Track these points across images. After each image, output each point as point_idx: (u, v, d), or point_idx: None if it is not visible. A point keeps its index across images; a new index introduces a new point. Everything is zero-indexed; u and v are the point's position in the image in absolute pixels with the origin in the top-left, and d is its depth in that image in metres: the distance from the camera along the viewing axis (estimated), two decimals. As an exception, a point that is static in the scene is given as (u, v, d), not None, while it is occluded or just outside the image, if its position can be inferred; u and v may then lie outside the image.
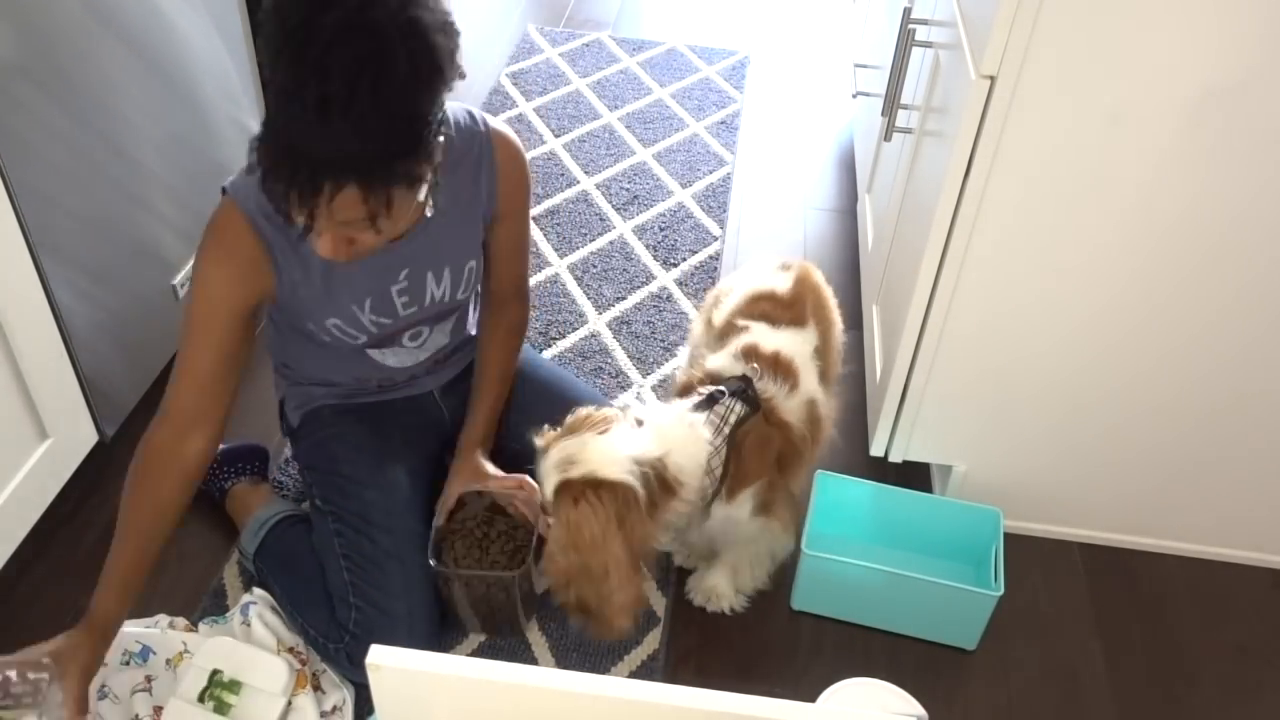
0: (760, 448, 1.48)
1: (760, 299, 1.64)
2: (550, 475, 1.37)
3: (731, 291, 1.71)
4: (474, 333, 1.68)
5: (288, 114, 1.10)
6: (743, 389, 1.49)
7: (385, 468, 1.56)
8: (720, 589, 1.67)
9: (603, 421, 1.40)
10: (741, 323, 1.60)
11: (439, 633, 1.56)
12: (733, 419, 1.46)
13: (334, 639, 1.49)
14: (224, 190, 1.36)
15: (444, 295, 1.51)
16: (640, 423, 1.41)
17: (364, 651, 1.44)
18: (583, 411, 1.43)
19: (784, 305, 1.63)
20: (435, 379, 1.66)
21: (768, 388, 1.50)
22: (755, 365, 1.52)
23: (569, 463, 1.35)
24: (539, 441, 1.42)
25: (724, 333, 1.62)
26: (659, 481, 1.37)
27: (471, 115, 1.45)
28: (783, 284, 1.66)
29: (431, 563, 1.50)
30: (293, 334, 1.54)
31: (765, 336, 1.57)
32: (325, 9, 1.07)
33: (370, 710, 1.48)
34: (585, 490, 1.33)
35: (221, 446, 1.78)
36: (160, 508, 1.37)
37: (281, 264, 1.37)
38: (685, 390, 1.53)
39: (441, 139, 1.22)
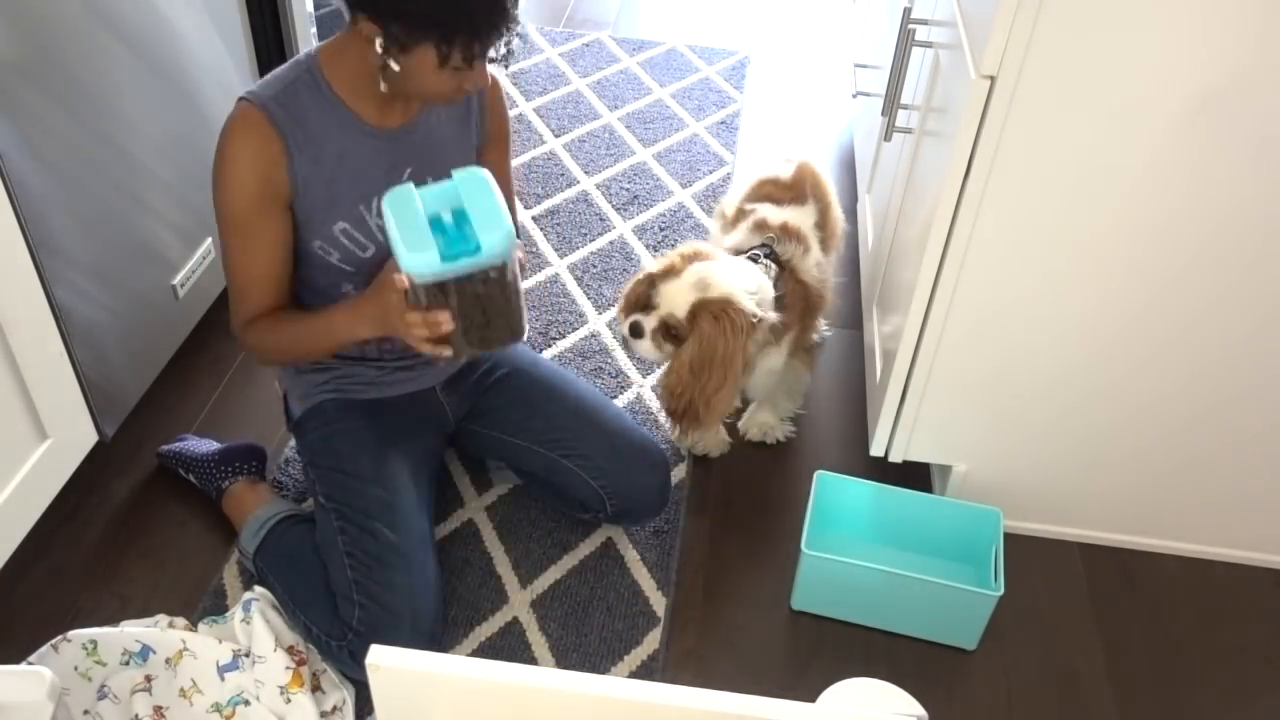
0: (792, 301, 1.74)
1: (765, 184, 1.90)
2: (684, 293, 1.59)
3: (739, 185, 1.96)
4: None
5: None
6: (769, 253, 1.74)
7: (389, 465, 1.57)
8: (769, 421, 1.94)
9: (714, 255, 1.66)
10: (749, 206, 1.85)
11: (442, 632, 1.56)
12: (772, 274, 1.71)
13: (337, 637, 1.49)
14: (238, 99, 1.41)
15: None
16: (734, 261, 1.67)
17: (367, 649, 1.46)
18: (691, 244, 1.69)
19: (786, 188, 1.87)
20: (436, 374, 1.66)
21: (786, 249, 1.76)
22: (772, 234, 1.77)
23: (705, 285, 1.58)
24: (657, 265, 1.66)
25: (735, 219, 1.88)
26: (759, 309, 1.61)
27: None
28: (785, 171, 1.91)
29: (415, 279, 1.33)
30: (298, 290, 1.53)
31: (772, 212, 1.82)
32: None
33: (370, 710, 1.48)
34: (725, 309, 1.57)
35: (219, 446, 1.78)
36: (276, 321, 1.48)
37: (295, 157, 1.40)
38: (735, 254, 1.74)
39: None
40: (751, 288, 1.62)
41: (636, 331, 1.65)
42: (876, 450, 1.78)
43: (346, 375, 1.62)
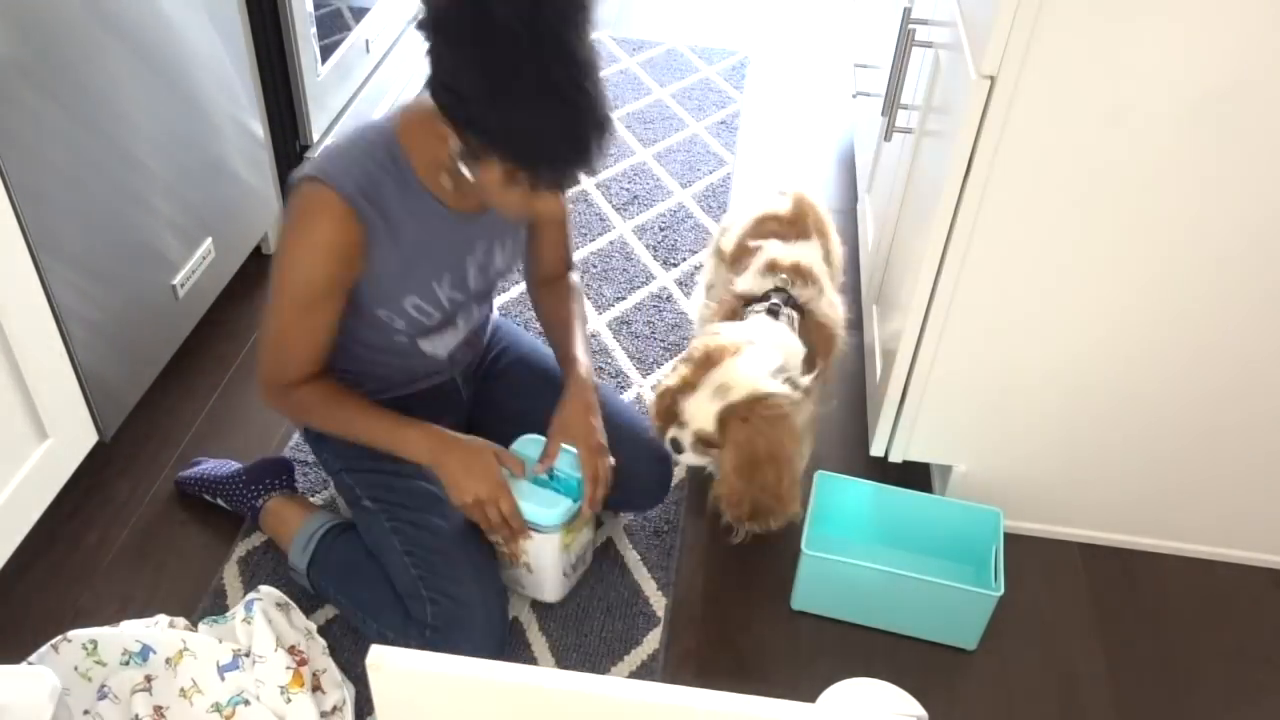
0: (816, 349, 1.67)
1: (766, 220, 1.81)
2: (708, 406, 1.51)
3: (736, 220, 1.87)
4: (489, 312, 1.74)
5: (541, 112, 1.20)
6: (787, 298, 1.67)
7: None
8: None
9: (729, 349, 1.54)
10: (754, 244, 1.77)
11: (509, 615, 1.58)
12: (795, 325, 1.65)
13: (415, 636, 1.48)
14: (307, 178, 1.36)
15: (504, 266, 1.57)
16: (753, 344, 1.56)
17: (448, 644, 1.46)
18: (703, 343, 1.57)
19: (788, 223, 1.79)
20: (455, 365, 1.67)
21: (802, 292, 1.69)
22: (784, 276, 1.69)
23: (724, 391, 1.50)
24: (666, 382, 1.58)
25: (737, 256, 1.80)
26: (790, 386, 1.54)
27: None
28: (783, 205, 1.83)
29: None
30: (345, 334, 1.53)
31: (781, 250, 1.73)
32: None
33: (370, 710, 1.49)
34: (753, 407, 1.49)
35: (239, 465, 1.77)
36: (325, 396, 1.49)
37: (374, 245, 1.39)
38: (731, 316, 1.68)
39: None
40: (775, 365, 1.54)
41: (678, 448, 1.60)
42: (876, 450, 1.78)
43: (369, 376, 1.61)
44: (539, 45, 1.17)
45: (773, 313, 1.65)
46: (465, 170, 1.30)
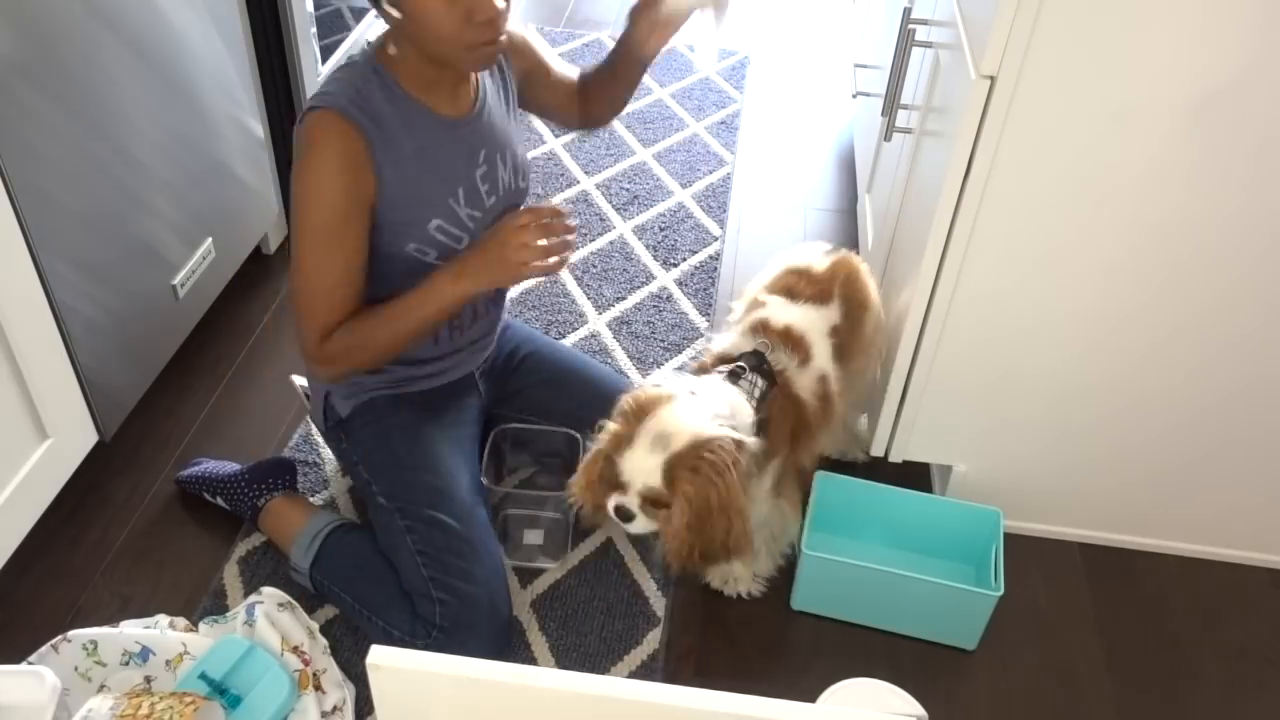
0: (779, 422, 1.49)
1: (790, 274, 1.67)
2: (650, 459, 1.34)
3: (770, 267, 1.73)
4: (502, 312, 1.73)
5: None
6: (758, 363, 1.50)
7: (445, 457, 1.58)
8: (737, 571, 1.68)
9: (663, 398, 1.39)
10: (762, 298, 1.63)
11: (513, 619, 1.59)
12: (757, 393, 1.48)
13: (421, 635, 1.49)
14: (310, 109, 1.38)
15: (510, 182, 1.55)
16: (693, 393, 1.41)
17: (453, 644, 1.46)
18: (633, 396, 1.41)
19: (811, 281, 1.64)
20: (474, 359, 1.68)
21: (780, 360, 1.52)
22: (766, 340, 1.54)
23: (665, 440, 1.34)
24: (601, 437, 1.41)
25: (750, 308, 1.65)
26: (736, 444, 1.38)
27: None
28: (820, 263, 1.68)
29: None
30: (378, 281, 1.52)
31: (780, 311, 1.59)
32: None
33: (370, 710, 1.48)
34: (699, 454, 1.33)
35: (239, 466, 1.77)
36: (354, 325, 1.44)
37: (380, 158, 1.39)
38: (701, 372, 1.54)
39: None
40: (721, 410, 1.39)
41: (625, 516, 1.41)
42: (877, 450, 1.78)
43: (391, 372, 1.61)
44: None
45: (734, 376, 1.48)
46: (395, 12, 1.31)
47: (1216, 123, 1.34)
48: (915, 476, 1.87)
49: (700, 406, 1.37)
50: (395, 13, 1.32)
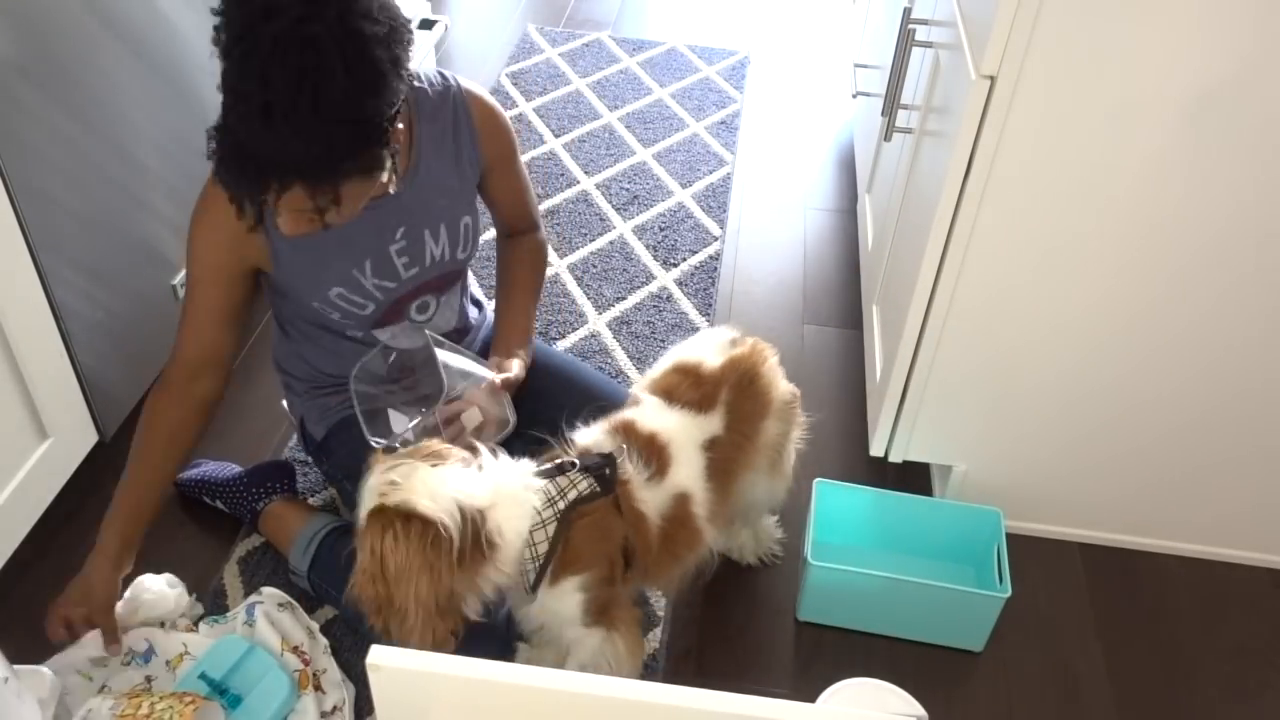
0: (596, 534, 1.31)
1: (679, 370, 1.47)
2: (368, 497, 1.22)
3: (666, 358, 1.53)
4: (474, 317, 1.70)
5: (235, 113, 1.15)
6: (600, 466, 1.33)
7: None
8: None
9: (441, 455, 1.25)
10: (640, 394, 1.46)
11: (514, 618, 1.56)
12: (572, 495, 1.29)
13: None
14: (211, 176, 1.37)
15: (443, 254, 1.52)
16: (480, 467, 1.27)
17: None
18: (430, 444, 1.28)
19: (697, 383, 1.44)
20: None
21: (627, 470, 1.34)
22: (623, 444, 1.36)
23: (390, 487, 1.21)
24: (370, 460, 1.26)
25: (629, 403, 1.47)
26: (474, 536, 1.22)
27: (443, 75, 1.48)
28: (714, 358, 1.47)
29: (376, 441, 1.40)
30: (301, 328, 1.54)
31: (650, 414, 1.41)
32: (267, 19, 1.12)
33: (370, 710, 1.48)
34: (396, 520, 1.19)
35: (240, 469, 1.77)
36: (171, 434, 1.45)
37: (274, 232, 1.38)
38: (549, 457, 1.36)
39: (401, 125, 1.28)
40: (465, 494, 1.22)
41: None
42: (876, 450, 1.78)
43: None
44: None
45: (559, 470, 1.32)
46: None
47: (1216, 122, 1.34)
48: (915, 476, 1.87)
49: (453, 485, 1.22)
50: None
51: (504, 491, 1.26)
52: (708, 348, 1.49)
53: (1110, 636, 1.69)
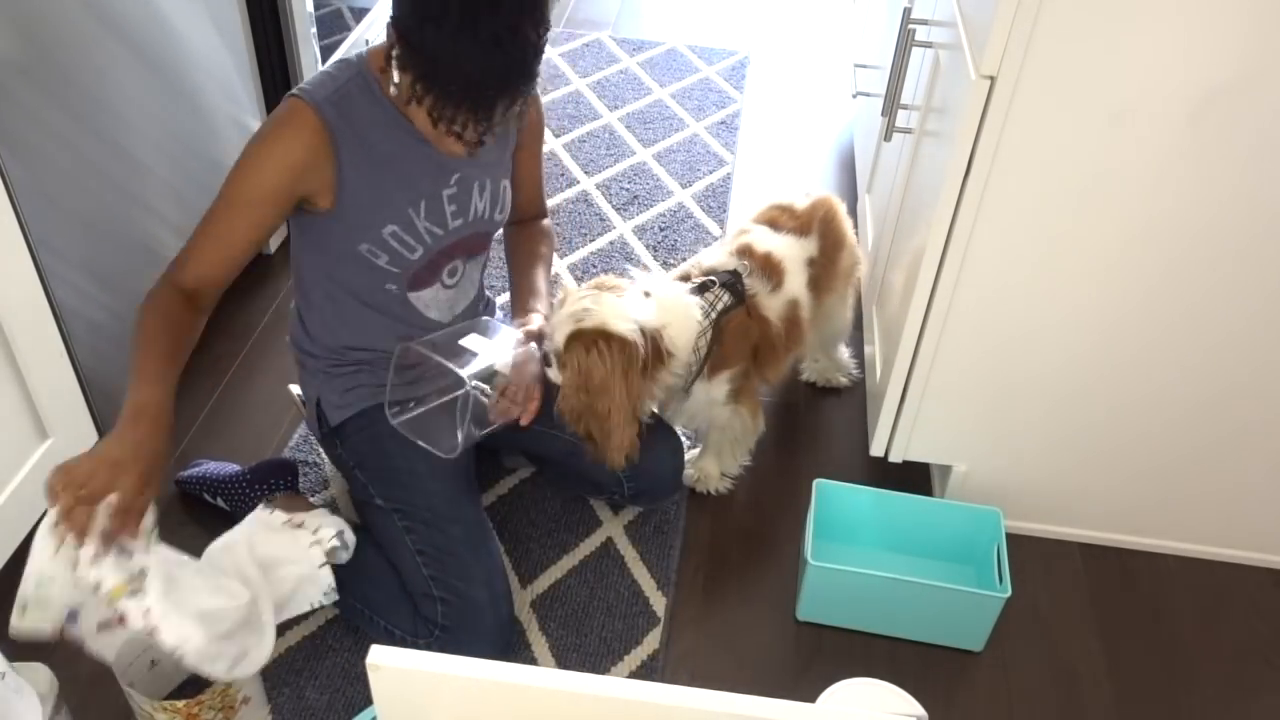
0: (740, 336, 1.66)
1: (774, 209, 1.83)
2: (564, 324, 1.53)
3: (758, 205, 1.89)
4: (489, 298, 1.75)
5: (457, 47, 1.23)
6: (731, 281, 1.66)
7: (440, 457, 1.57)
8: (709, 469, 1.86)
9: (616, 287, 1.58)
10: (748, 226, 1.80)
11: (515, 616, 1.59)
12: (720, 306, 1.64)
13: (423, 635, 1.50)
14: (289, 94, 1.40)
15: (485, 210, 1.56)
16: (647, 294, 1.58)
17: (456, 643, 1.47)
18: (601, 279, 1.61)
19: (793, 216, 1.80)
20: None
21: (754, 284, 1.68)
22: (746, 262, 1.69)
23: (583, 314, 1.52)
24: (559, 295, 1.59)
25: (738, 234, 1.80)
26: (654, 348, 1.54)
27: None
28: (800, 201, 1.85)
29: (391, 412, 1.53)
30: (327, 290, 1.53)
31: (762, 238, 1.74)
32: None
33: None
34: (596, 339, 1.50)
35: (240, 467, 1.77)
36: (176, 324, 1.36)
37: (343, 159, 1.39)
38: (683, 278, 1.69)
39: None
40: (644, 317, 1.54)
41: (547, 360, 1.58)
42: (876, 450, 1.78)
43: (380, 377, 1.60)
44: None
45: (703, 288, 1.65)
46: (395, 72, 1.31)
47: (1216, 122, 1.34)
48: (915, 476, 1.88)
49: (633, 308, 1.54)
50: (395, 75, 1.32)
51: (673, 311, 1.59)
52: (792, 194, 1.86)
53: (1109, 636, 1.69)
